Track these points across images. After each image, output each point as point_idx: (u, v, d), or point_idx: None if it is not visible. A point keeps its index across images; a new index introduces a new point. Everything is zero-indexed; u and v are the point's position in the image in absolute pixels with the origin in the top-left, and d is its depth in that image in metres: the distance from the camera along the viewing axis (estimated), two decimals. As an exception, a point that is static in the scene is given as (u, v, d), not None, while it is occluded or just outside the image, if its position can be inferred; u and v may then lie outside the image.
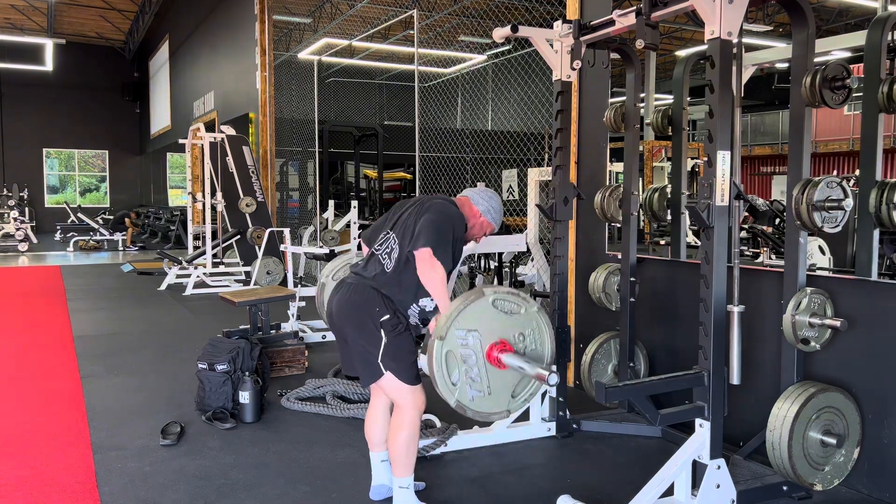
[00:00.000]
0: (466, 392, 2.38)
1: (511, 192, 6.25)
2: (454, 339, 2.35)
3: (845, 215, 2.67)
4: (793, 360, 2.86)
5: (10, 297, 8.29)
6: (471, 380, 2.38)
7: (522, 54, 10.45)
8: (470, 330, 2.37)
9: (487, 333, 2.40)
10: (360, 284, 2.62)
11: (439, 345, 2.33)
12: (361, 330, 2.56)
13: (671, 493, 2.60)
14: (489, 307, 2.40)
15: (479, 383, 2.40)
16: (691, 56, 3.97)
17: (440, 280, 2.48)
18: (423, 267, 2.49)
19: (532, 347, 2.48)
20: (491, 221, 2.77)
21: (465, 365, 2.37)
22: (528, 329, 2.47)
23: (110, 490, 2.91)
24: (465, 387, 2.38)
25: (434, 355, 2.32)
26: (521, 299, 2.46)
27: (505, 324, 2.43)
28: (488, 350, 2.39)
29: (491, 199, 2.77)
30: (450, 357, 2.35)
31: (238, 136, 9.59)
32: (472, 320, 2.38)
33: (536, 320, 2.48)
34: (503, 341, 2.41)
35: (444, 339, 2.33)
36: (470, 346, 2.37)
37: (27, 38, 19.42)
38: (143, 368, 4.91)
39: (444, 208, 2.64)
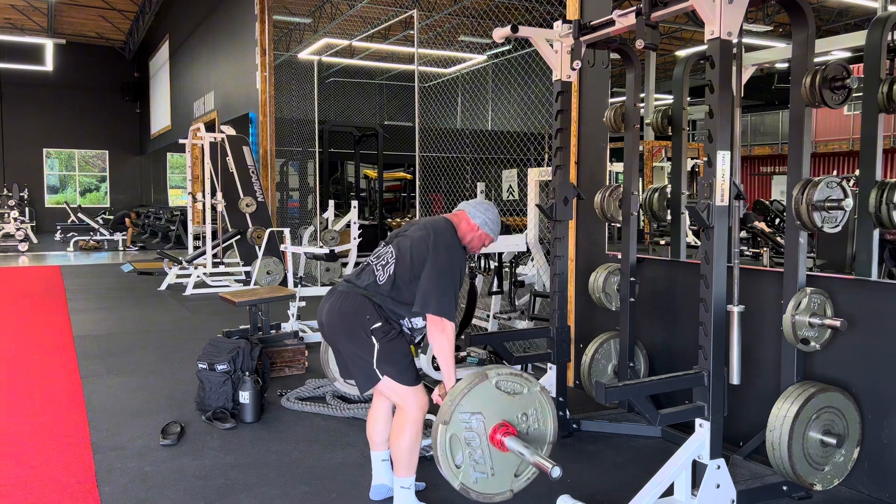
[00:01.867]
0: (470, 474, 2.41)
1: (511, 192, 6.25)
2: (458, 423, 2.38)
3: (845, 215, 2.67)
4: (793, 360, 2.86)
5: (10, 297, 8.29)
6: (474, 462, 2.41)
7: (522, 54, 10.45)
8: (473, 413, 2.40)
9: (491, 416, 2.43)
10: (350, 292, 2.62)
11: (443, 429, 2.36)
12: (353, 338, 2.57)
13: (671, 493, 2.60)
14: (492, 389, 2.42)
15: (483, 465, 2.42)
16: (691, 56, 3.97)
17: (449, 348, 2.53)
18: (434, 331, 2.54)
19: (535, 427, 2.51)
20: (489, 233, 2.78)
21: (469, 447, 2.40)
22: (531, 409, 2.50)
23: (110, 490, 2.91)
24: (469, 469, 2.40)
25: (438, 439, 2.35)
26: (524, 379, 2.49)
27: (508, 405, 2.46)
28: (492, 432, 2.41)
29: (487, 211, 2.77)
30: (454, 440, 2.37)
31: (238, 136, 9.59)
32: (476, 403, 2.40)
33: (539, 400, 2.51)
34: (506, 423, 2.43)
35: (448, 424, 2.35)
36: (473, 428, 2.40)
37: (27, 38, 19.43)
38: (143, 368, 4.91)
39: (447, 243, 2.62)
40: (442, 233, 2.64)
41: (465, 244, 2.73)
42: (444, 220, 2.73)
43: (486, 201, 2.85)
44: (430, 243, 2.59)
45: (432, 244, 2.59)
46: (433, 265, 2.55)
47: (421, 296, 2.54)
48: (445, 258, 2.58)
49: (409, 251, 2.61)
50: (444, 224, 2.69)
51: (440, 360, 2.57)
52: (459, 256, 2.65)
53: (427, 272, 2.55)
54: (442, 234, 2.64)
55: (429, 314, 2.53)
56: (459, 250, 2.66)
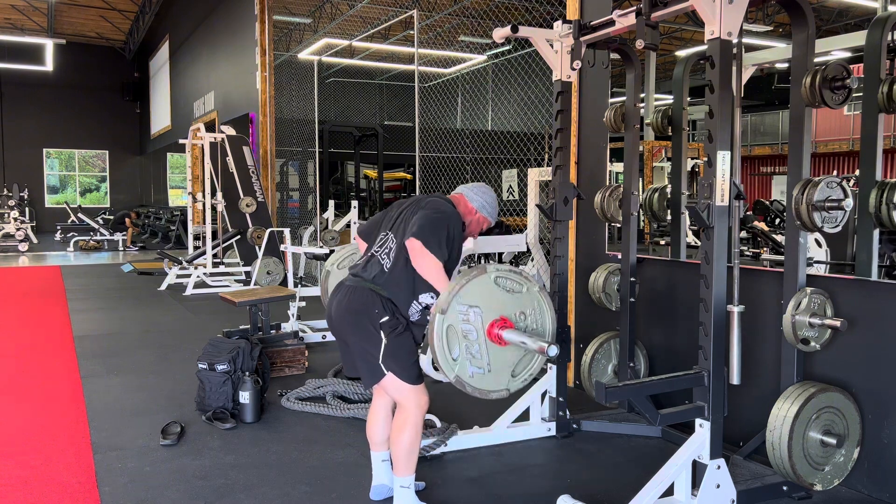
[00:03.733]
0: (466, 368, 2.38)
1: (511, 192, 6.25)
2: (455, 314, 2.34)
3: (845, 215, 2.67)
4: (793, 360, 2.87)
5: (10, 297, 8.29)
6: (471, 356, 2.38)
7: (522, 54, 10.45)
8: (471, 305, 2.37)
9: (489, 310, 2.40)
10: (358, 287, 2.61)
11: (440, 318, 2.32)
12: (361, 332, 2.56)
13: (671, 493, 2.60)
14: (491, 284, 2.40)
15: (480, 360, 2.39)
16: (691, 56, 3.97)
17: (434, 265, 2.46)
18: (415, 256, 2.48)
19: (533, 326, 2.48)
20: (487, 216, 2.77)
21: (466, 340, 2.37)
22: (529, 308, 2.47)
23: (110, 490, 2.91)
24: (466, 362, 2.37)
25: (435, 329, 2.31)
26: (523, 278, 2.46)
27: (506, 301, 2.43)
28: (489, 326, 2.38)
29: (485, 193, 2.77)
30: (451, 332, 2.34)
31: (238, 136, 9.59)
32: (474, 296, 2.37)
33: (538, 299, 2.48)
34: (504, 318, 2.40)
35: (446, 313, 2.33)
36: (471, 321, 2.37)
37: (27, 38, 19.42)
38: (143, 368, 4.91)
39: (440, 205, 2.65)
40: (437, 200, 2.67)
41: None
42: (441, 196, 2.76)
43: (484, 184, 2.83)
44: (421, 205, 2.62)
45: (422, 205, 2.61)
46: (421, 214, 2.55)
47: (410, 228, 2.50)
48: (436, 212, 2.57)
49: (403, 224, 2.61)
50: (439, 197, 2.72)
51: (428, 276, 2.48)
52: (453, 219, 2.60)
53: (415, 219, 2.53)
54: (437, 200, 2.67)
55: (409, 239, 2.47)
56: (454, 214, 2.63)
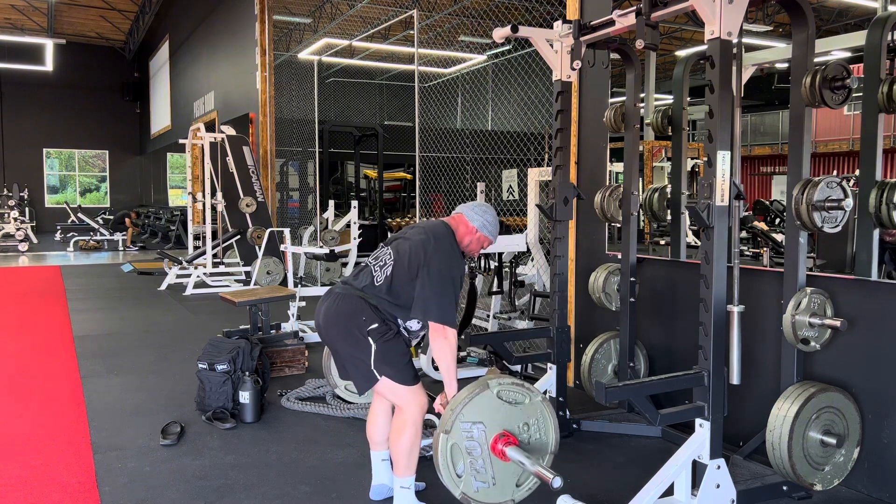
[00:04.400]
0: (471, 483, 2.40)
1: (511, 192, 6.25)
2: (459, 433, 2.38)
3: (845, 215, 2.67)
4: (793, 360, 2.86)
5: (10, 297, 8.29)
6: (475, 471, 2.41)
7: (522, 54, 10.45)
8: (475, 422, 2.40)
9: (492, 425, 2.43)
10: (347, 294, 2.62)
11: (444, 438, 2.36)
12: (349, 339, 2.57)
13: (671, 493, 2.60)
14: (494, 399, 2.43)
15: (484, 475, 2.42)
16: (691, 56, 3.97)
17: (451, 356, 2.54)
18: (437, 339, 2.54)
19: (536, 437, 2.51)
20: (488, 235, 2.78)
21: (470, 457, 2.40)
22: (532, 419, 2.50)
23: (110, 490, 2.91)
24: (470, 478, 2.40)
25: (439, 448, 2.35)
26: (526, 389, 2.48)
27: (509, 414, 2.46)
28: (493, 442, 2.41)
29: (485, 213, 2.77)
30: (454, 449, 2.37)
31: (238, 136, 9.59)
32: (477, 413, 2.41)
33: (541, 409, 2.51)
34: (507, 433, 2.43)
35: (450, 433, 2.35)
36: (475, 438, 2.40)
37: (27, 38, 19.42)
38: (143, 368, 4.91)
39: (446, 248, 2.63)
40: (441, 238, 2.65)
41: (463, 247, 2.73)
42: (443, 224, 2.73)
43: (484, 203, 2.85)
44: (429, 248, 2.60)
45: (431, 249, 2.59)
46: (432, 271, 2.55)
47: (421, 302, 2.54)
48: (445, 264, 2.58)
49: (408, 254, 2.61)
50: (443, 229, 2.69)
51: (442, 368, 2.57)
52: (458, 262, 2.66)
53: (426, 278, 2.55)
54: (441, 239, 2.64)
55: (430, 322, 2.54)
56: (458, 256, 2.67)
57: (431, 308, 2.53)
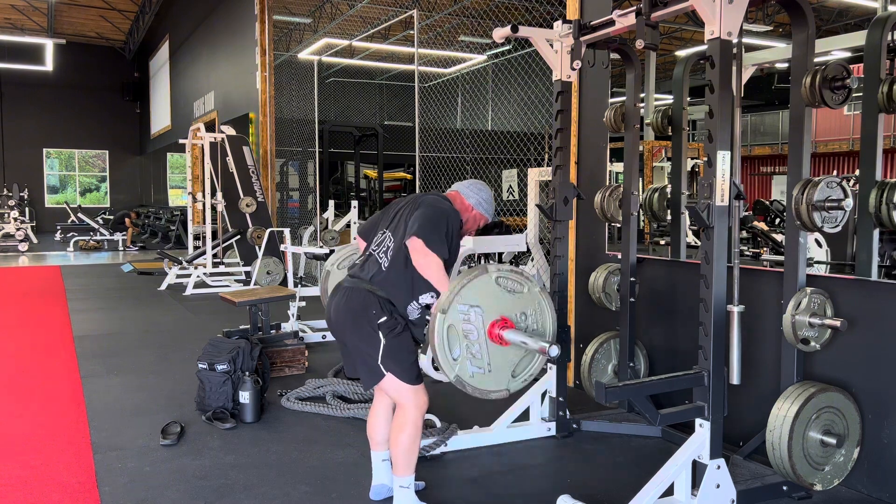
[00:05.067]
0: (467, 368, 2.38)
1: (511, 192, 6.25)
2: (456, 314, 2.34)
3: (845, 215, 2.67)
4: (793, 360, 2.86)
5: (10, 297, 8.29)
6: (472, 355, 2.38)
7: (522, 54, 10.45)
8: (472, 305, 2.37)
9: (490, 310, 2.40)
10: (356, 288, 2.62)
11: (441, 318, 2.33)
12: (359, 333, 2.57)
13: (671, 493, 2.60)
14: (492, 284, 2.40)
15: (480, 360, 2.39)
16: (691, 56, 3.97)
17: (436, 265, 2.48)
18: (417, 256, 2.49)
19: (534, 327, 2.48)
20: (483, 213, 2.78)
21: (467, 340, 2.37)
22: (530, 308, 2.47)
23: (110, 490, 2.91)
24: (466, 362, 2.37)
25: (436, 329, 2.31)
26: (525, 279, 2.46)
27: (507, 302, 2.43)
28: (490, 326, 2.39)
29: (481, 191, 2.77)
30: (451, 331, 2.34)
31: (238, 136, 9.59)
32: (475, 296, 2.37)
33: (539, 300, 2.48)
34: (505, 318, 2.40)
35: (447, 313, 2.33)
36: (472, 321, 2.37)
37: (27, 38, 19.42)
38: (143, 368, 4.91)
39: (437, 203, 2.66)
40: (433, 198, 2.68)
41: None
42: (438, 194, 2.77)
43: (479, 181, 2.84)
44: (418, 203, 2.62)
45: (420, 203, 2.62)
46: (419, 212, 2.56)
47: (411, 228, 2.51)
48: (434, 210, 2.58)
49: (401, 223, 2.62)
50: (436, 196, 2.73)
51: (429, 277, 2.49)
52: (451, 215, 2.62)
53: (419, 216, 2.54)
54: (433, 198, 2.68)
55: (410, 239, 2.49)
56: (452, 211, 2.65)
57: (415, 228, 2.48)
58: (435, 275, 2.49)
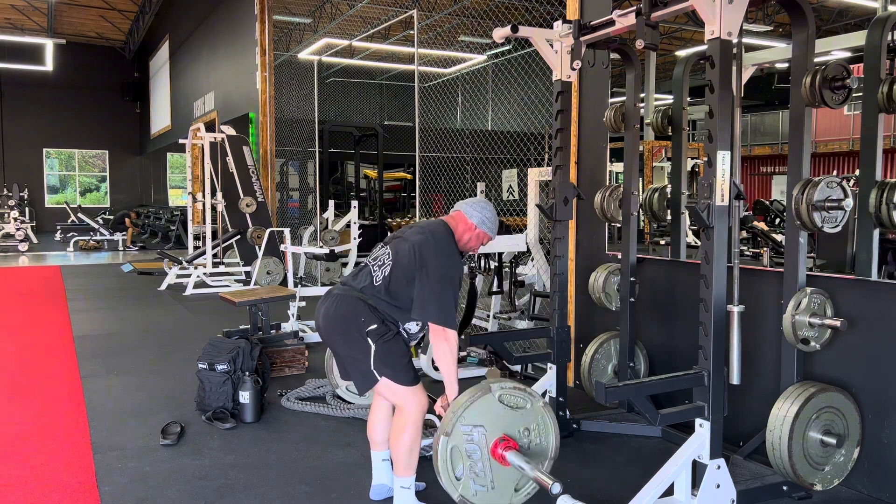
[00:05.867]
0: (470, 487, 2.41)
1: (511, 192, 6.25)
2: (459, 436, 2.38)
3: (845, 215, 2.67)
4: (793, 360, 2.86)
5: (10, 297, 8.29)
6: (475, 474, 2.41)
7: (522, 54, 10.45)
8: (476, 426, 2.40)
9: (493, 429, 2.43)
10: (346, 295, 2.62)
11: (445, 441, 2.36)
12: (349, 341, 2.57)
13: (671, 493, 2.60)
14: (495, 403, 2.43)
15: (483, 478, 2.42)
16: (691, 56, 3.97)
17: (451, 357, 2.54)
18: (437, 340, 2.55)
19: (537, 442, 2.51)
20: (487, 232, 2.78)
21: (470, 460, 2.40)
22: (532, 423, 2.50)
23: (110, 490, 2.91)
24: (469, 481, 2.40)
25: (439, 451, 2.35)
26: (527, 394, 2.48)
27: (510, 418, 2.46)
28: (493, 446, 2.41)
29: (484, 209, 2.77)
30: (454, 452, 2.38)
31: (238, 136, 9.60)
32: (478, 416, 2.41)
33: (542, 415, 2.51)
34: (507, 438, 2.43)
35: (450, 436, 2.35)
36: (475, 441, 2.40)
37: (27, 38, 19.43)
38: (143, 368, 4.91)
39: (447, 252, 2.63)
40: (440, 238, 2.65)
41: (463, 244, 2.74)
42: (442, 224, 2.73)
43: (483, 199, 2.85)
44: (428, 248, 2.60)
45: (430, 249, 2.59)
46: (431, 271, 2.55)
47: (420, 303, 2.54)
48: (444, 264, 2.58)
49: (407, 255, 2.61)
50: (442, 229, 2.69)
51: (443, 370, 2.57)
52: (457, 262, 2.66)
53: (425, 278, 2.55)
54: (440, 239, 2.64)
55: (430, 323, 2.54)
56: (457, 256, 2.68)
57: (431, 309, 2.53)
58: (446, 366, 2.56)
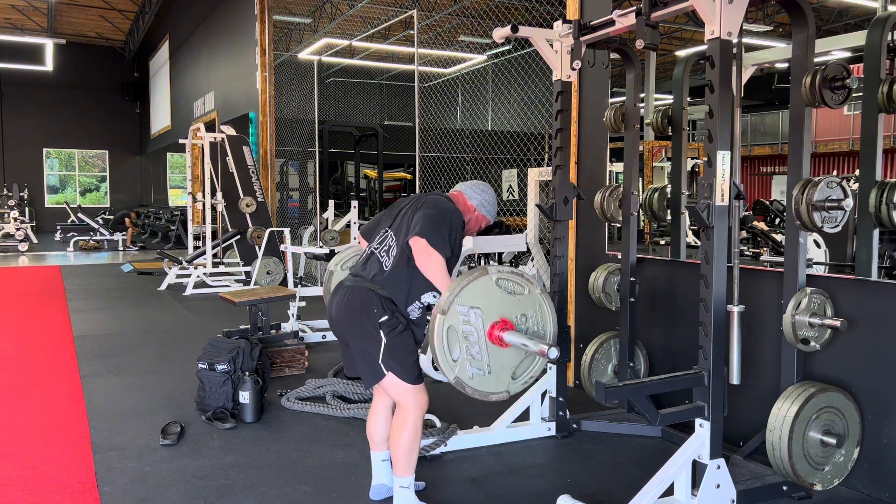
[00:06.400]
0: (466, 369, 2.37)
1: (511, 192, 6.25)
2: (456, 315, 2.34)
3: (845, 215, 2.67)
4: (793, 360, 2.87)
5: (10, 297, 8.29)
6: (471, 357, 2.38)
7: (522, 54, 10.45)
8: (472, 307, 2.37)
9: (490, 312, 2.40)
10: (357, 287, 2.62)
11: (441, 319, 2.32)
12: (361, 332, 2.57)
13: (671, 493, 2.60)
14: (492, 285, 2.40)
15: (480, 361, 2.39)
16: (691, 56, 3.97)
17: (438, 264, 2.48)
18: (419, 255, 2.50)
19: (534, 329, 2.48)
20: (486, 214, 2.78)
21: (467, 342, 2.36)
22: (530, 310, 2.47)
23: (110, 490, 2.91)
24: (466, 364, 2.37)
25: (436, 330, 2.31)
26: (525, 280, 2.46)
27: (508, 303, 2.43)
28: (490, 328, 2.38)
29: (483, 192, 2.77)
30: (451, 333, 2.34)
31: (238, 136, 9.60)
32: (475, 297, 2.37)
33: (539, 302, 2.47)
34: (505, 320, 2.40)
35: (447, 314, 2.33)
36: (472, 322, 2.37)
37: (27, 38, 19.42)
38: (143, 368, 4.91)
39: (440, 203, 2.66)
40: (436, 197, 2.69)
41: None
42: (443, 196, 2.77)
43: (483, 182, 2.84)
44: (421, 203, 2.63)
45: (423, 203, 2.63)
46: (422, 212, 2.56)
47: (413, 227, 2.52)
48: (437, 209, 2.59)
49: (403, 222, 2.62)
50: (438, 195, 2.73)
51: (431, 276, 2.50)
52: (454, 215, 2.62)
53: (422, 216, 2.54)
54: (436, 198, 2.68)
55: (413, 238, 2.49)
56: (455, 211, 2.65)
57: (418, 227, 2.48)
58: (437, 274, 2.49)
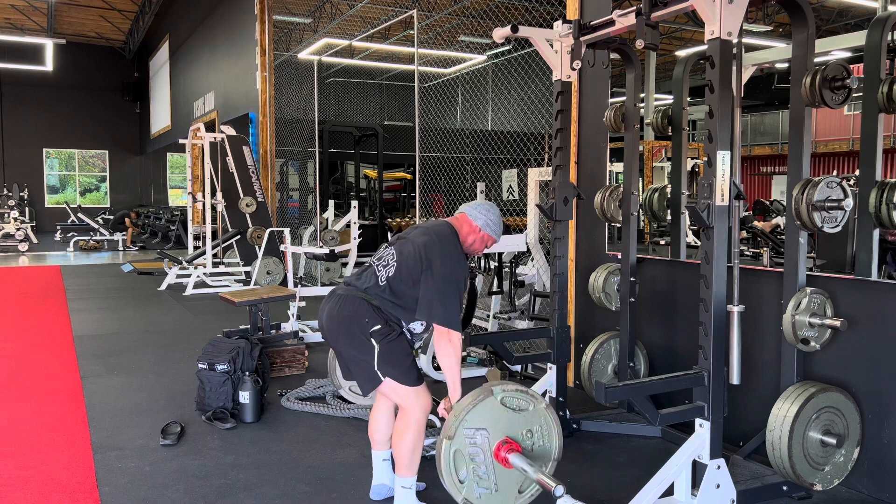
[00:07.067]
0: (474, 490, 2.41)
1: (511, 192, 6.25)
2: (462, 439, 2.38)
3: (845, 215, 2.67)
4: (793, 360, 2.87)
5: (10, 297, 8.29)
6: (478, 477, 2.41)
7: (522, 54, 10.46)
8: (478, 429, 2.41)
9: (495, 431, 2.43)
10: (349, 296, 2.62)
11: (447, 444, 2.36)
12: (352, 341, 2.57)
13: (671, 493, 2.60)
14: (497, 405, 2.43)
15: (487, 480, 2.43)
16: (691, 56, 3.97)
17: (455, 360, 2.54)
18: (441, 342, 2.54)
19: (540, 444, 2.51)
20: (491, 234, 2.78)
21: (473, 463, 2.40)
22: (535, 425, 2.50)
23: (110, 490, 2.91)
24: (473, 484, 2.41)
25: (442, 454, 2.36)
26: (530, 396, 2.49)
27: (513, 421, 2.46)
28: (496, 449, 2.42)
29: (489, 212, 2.77)
30: (458, 455, 2.38)
31: (238, 136, 9.60)
32: (481, 419, 2.41)
33: (544, 416, 2.51)
34: (510, 440, 2.43)
35: (453, 439, 2.36)
36: (478, 444, 2.41)
37: (27, 38, 19.42)
38: (143, 368, 4.91)
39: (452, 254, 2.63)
40: (445, 240, 2.65)
41: (467, 246, 2.73)
42: (446, 225, 2.73)
43: (487, 202, 2.85)
44: (433, 250, 2.60)
45: (435, 251, 2.59)
46: (436, 273, 2.55)
47: (425, 304, 2.54)
48: (449, 266, 2.58)
49: (411, 255, 2.60)
50: (446, 230, 2.69)
51: (446, 373, 2.57)
52: (462, 264, 2.66)
53: (430, 280, 2.55)
54: (445, 241, 2.64)
55: (435, 324, 2.54)
56: (462, 259, 2.67)
57: (436, 310, 2.53)
58: (450, 368, 2.55)
